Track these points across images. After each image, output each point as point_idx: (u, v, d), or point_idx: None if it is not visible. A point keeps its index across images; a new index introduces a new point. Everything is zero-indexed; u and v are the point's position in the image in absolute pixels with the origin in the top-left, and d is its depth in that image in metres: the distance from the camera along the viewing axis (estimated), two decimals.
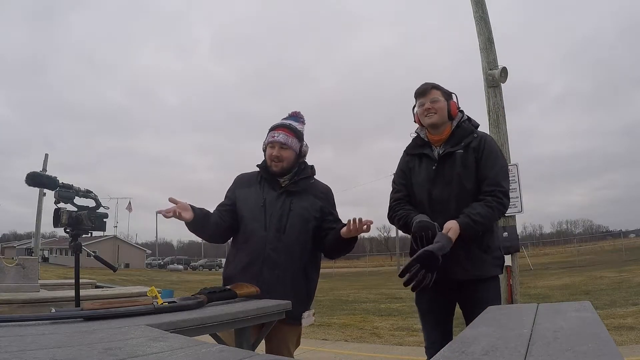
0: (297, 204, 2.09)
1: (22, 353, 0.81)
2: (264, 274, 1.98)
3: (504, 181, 1.99)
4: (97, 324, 1.20)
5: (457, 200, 1.98)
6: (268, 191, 2.12)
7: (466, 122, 2.11)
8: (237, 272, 2.04)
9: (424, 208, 2.05)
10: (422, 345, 2.18)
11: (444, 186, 2.01)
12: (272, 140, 2.12)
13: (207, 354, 0.85)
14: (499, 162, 2.01)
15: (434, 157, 2.07)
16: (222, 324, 1.48)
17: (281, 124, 2.17)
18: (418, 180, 2.10)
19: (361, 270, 34.89)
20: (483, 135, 2.09)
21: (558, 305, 1.44)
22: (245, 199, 2.14)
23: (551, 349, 0.81)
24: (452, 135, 2.08)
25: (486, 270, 1.98)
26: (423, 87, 2.13)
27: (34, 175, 2.02)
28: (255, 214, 2.08)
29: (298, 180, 2.13)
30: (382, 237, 67.33)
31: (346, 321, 7.23)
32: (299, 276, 2.05)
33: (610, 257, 22.87)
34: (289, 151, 2.12)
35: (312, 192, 2.15)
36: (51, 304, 4.23)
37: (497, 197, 1.93)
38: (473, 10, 4.46)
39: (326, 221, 2.13)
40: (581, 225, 67.75)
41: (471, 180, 1.99)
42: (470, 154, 2.02)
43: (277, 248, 2.01)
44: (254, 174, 2.21)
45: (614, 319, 5.91)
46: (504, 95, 4.27)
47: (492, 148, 2.04)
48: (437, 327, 2.08)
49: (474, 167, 2.00)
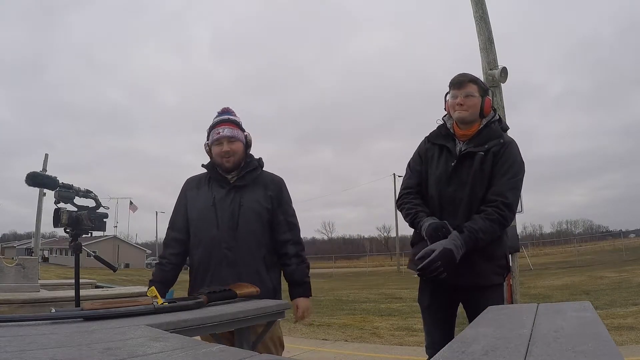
0: (247, 198, 2.06)
1: (22, 353, 0.81)
2: (224, 274, 1.96)
3: (510, 192, 1.88)
4: (97, 324, 1.20)
5: (469, 204, 1.92)
6: (217, 190, 2.09)
7: (496, 124, 2.02)
8: (199, 274, 2.04)
9: (434, 205, 2.00)
10: (422, 345, 2.16)
11: (458, 187, 1.95)
12: (218, 137, 2.09)
13: (207, 354, 0.85)
14: (511, 171, 1.91)
15: (454, 153, 1.99)
16: (222, 324, 1.48)
17: (221, 120, 2.14)
18: (435, 173, 2.02)
19: (361, 270, 34.84)
20: (508, 141, 1.97)
21: (558, 305, 1.43)
22: (194, 201, 2.12)
23: (551, 349, 0.81)
24: (478, 134, 1.98)
25: (487, 278, 1.92)
26: (460, 79, 2.01)
27: (34, 175, 2.02)
28: (204, 214, 2.06)
29: (245, 174, 2.10)
30: (382, 237, 67.38)
31: (346, 321, 7.22)
32: (261, 271, 2.03)
33: (610, 257, 22.84)
34: (237, 143, 2.10)
35: (262, 183, 2.13)
36: (51, 304, 4.23)
37: (499, 209, 1.84)
38: (473, 10, 4.46)
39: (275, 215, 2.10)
40: (581, 225, 67.63)
41: (483, 187, 1.91)
42: (489, 158, 1.93)
43: (232, 246, 2.00)
44: (203, 175, 2.18)
45: (614, 319, 5.90)
46: (504, 95, 4.27)
47: (509, 155, 1.93)
48: (438, 326, 2.04)
49: (489, 173, 1.92)
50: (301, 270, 2.12)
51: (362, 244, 72.13)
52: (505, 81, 4.26)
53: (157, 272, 2.12)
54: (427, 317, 2.09)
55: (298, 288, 2.12)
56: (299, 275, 2.11)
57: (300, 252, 2.14)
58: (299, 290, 2.12)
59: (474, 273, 1.89)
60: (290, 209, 2.19)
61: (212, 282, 1.90)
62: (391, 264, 39.28)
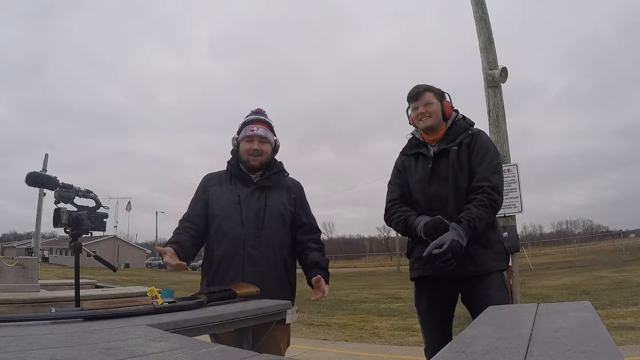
0: (272, 199, 2.08)
1: (22, 353, 0.81)
2: (246, 272, 1.96)
3: (493, 176, 1.95)
4: (97, 324, 1.19)
5: (455, 197, 1.97)
6: (241, 188, 2.09)
7: (461, 121, 2.11)
8: (220, 271, 2.02)
9: (420, 207, 2.04)
10: (422, 345, 2.17)
11: (441, 184, 2.01)
12: (251, 135, 2.10)
13: (207, 354, 0.84)
14: (488, 156, 1.99)
15: (429, 156, 2.07)
16: (222, 324, 1.48)
17: (257, 119, 2.15)
18: (415, 178, 2.09)
19: (361, 270, 34.86)
20: (476, 132, 2.07)
21: (558, 305, 1.43)
22: (217, 198, 2.11)
23: (551, 349, 0.81)
24: (446, 134, 2.08)
25: (486, 265, 1.95)
26: (415, 91, 2.12)
27: (34, 175, 2.01)
28: (229, 211, 2.05)
29: (270, 175, 2.12)
30: (382, 237, 67.39)
31: (346, 321, 7.22)
32: (281, 271, 2.04)
33: (610, 257, 22.84)
34: (268, 145, 2.12)
35: (285, 187, 2.15)
36: (51, 304, 4.23)
37: (487, 194, 1.90)
38: (473, 10, 4.46)
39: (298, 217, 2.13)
40: (581, 225, 67.75)
41: (465, 178, 1.98)
42: (463, 150, 2.01)
43: (256, 245, 2.00)
44: (223, 173, 2.19)
45: (614, 319, 5.91)
46: (503, 95, 4.27)
47: (482, 143, 2.02)
48: (437, 329, 2.06)
49: (467, 164, 1.99)
50: (325, 260, 2.12)
51: (362, 244, 72.21)
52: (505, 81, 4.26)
53: (173, 237, 2.05)
54: (424, 320, 2.12)
55: (322, 271, 2.06)
56: (324, 262, 2.10)
57: (322, 249, 2.16)
58: (323, 272, 2.06)
59: (472, 262, 1.91)
60: (310, 212, 2.23)
61: (233, 280, 1.89)
62: (391, 264, 39.29)
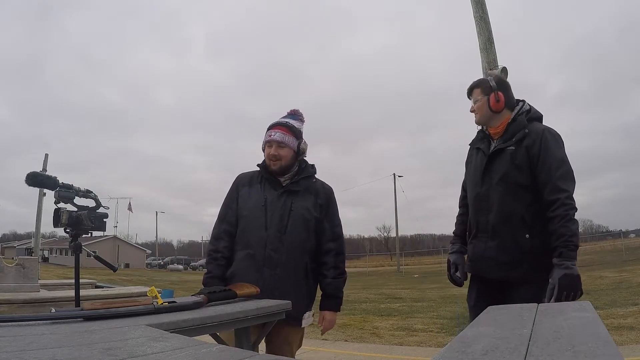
0: (298, 204, 2.08)
1: (22, 353, 0.81)
2: (265, 275, 1.98)
3: (562, 182, 1.82)
4: (97, 324, 1.19)
5: (501, 201, 1.92)
6: (269, 191, 2.11)
7: (523, 115, 2.00)
8: (239, 272, 2.04)
9: (471, 205, 2.08)
10: (422, 345, 2.18)
11: (490, 184, 1.98)
12: (269, 140, 2.12)
13: (207, 354, 0.85)
14: (555, 162, 1.85)
15: (487, 152, 2.04)
16: (222, 324, 1.48)
17: (278, 123, 2.16)
18: (470, 175, 2.12)
19: (361, 270, 34.87)
20: (538, 131, 1.91)
21: (558, 305, 1.43)
22: (246, 198, 2.13)
23: (551, 349, 0.81)
24: (506, 130, 2.00)
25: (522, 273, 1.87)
26: (468, 89, 2.13)
27: (34, 175, 2.01)
28: (255, 213, 2.07)
29: (299, 180, 2.13)
30: (382, 237, 67.40)
31: (346, 321, 7.22)
32: (300, 276, 2.04)
33: (610, 257, 22.84)
34: (286, 149, 2.11)
35: (313, 192, 2.14)
36: (51, 304, 4.24)
37: (564, 205, 1.77)
38: (473, 10, 4.47)
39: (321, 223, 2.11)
40: (581, 225, 67.09)
41: (523, 181, 1.88)
42: (522, 151, 1.90)
43: (277, 248, 2.01)
44: (255, 173, 2.20)
45: (614, 319, 5.91)
46: None
47: (547, 146, 1.87)
48: None
49: (527, 167, 1.88)
50: (336, 284, 2.11)
51: (362, 244, 72.21)
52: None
53: (215, 268, 2.06)
54: (470, 315, 2.13)
55: (329, 301, 2.12)
56: (333, 289, 2.11)
57: (340, 263, 2.13)
58: (329, 303, 2.12)
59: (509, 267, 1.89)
60: (336, 219, 2.19)
61: (251, 281, 1.91)
62: (391, 264, 39.31)
